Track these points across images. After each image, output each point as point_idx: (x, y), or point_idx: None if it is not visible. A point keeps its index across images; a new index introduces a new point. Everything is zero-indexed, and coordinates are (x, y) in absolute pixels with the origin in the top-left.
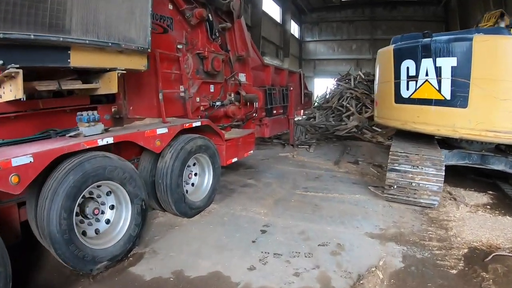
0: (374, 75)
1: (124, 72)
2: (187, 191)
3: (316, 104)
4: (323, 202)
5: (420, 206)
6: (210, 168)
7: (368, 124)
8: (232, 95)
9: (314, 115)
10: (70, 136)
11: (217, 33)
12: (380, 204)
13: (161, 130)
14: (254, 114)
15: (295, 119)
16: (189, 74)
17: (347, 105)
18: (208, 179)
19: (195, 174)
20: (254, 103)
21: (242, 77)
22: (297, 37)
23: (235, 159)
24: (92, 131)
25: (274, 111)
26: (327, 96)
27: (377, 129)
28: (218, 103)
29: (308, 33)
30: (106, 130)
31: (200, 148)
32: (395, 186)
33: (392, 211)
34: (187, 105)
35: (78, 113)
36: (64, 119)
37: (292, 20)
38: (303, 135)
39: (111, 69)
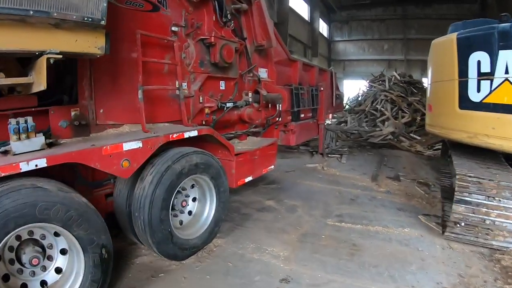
0: (410, 76)
1: (60, 57)
2: (181, 222)
3: (347, 107)
4: (364, 239)
5: (487, 247)
6: (213, 193)
7: (405, 131)
8: (250, 94)
9: (346, 119)
10: None
11: (229, 16)
12: (438, 245)
13: (131, 145)
14: (277, 119)
15: (325, 123)
16: (190, 66)
17: (382, 108)
18: (209, 208)
19: (194, 199)
20: (277, 105)
21: (262, 73)
22: (326, 36)
23: (249, 178)
24: (24, 147)
25: (302, 115)
26: (360, 99)
27: (415, 136)
28: (229, 105)
29: (338, 32)
30: (51, 145)
31: (197, 167)
32: (463, 224)
33: (455, 256)
34: (182, 106)
35: (9, 120)
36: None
37: (320, 19)
38: (333, 141)
39: (40, 54)
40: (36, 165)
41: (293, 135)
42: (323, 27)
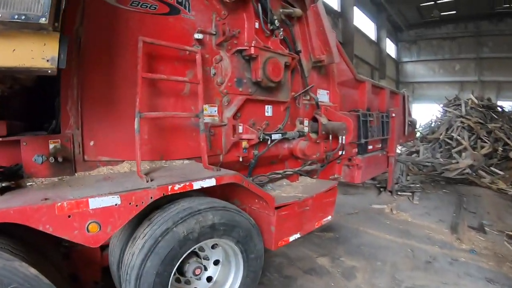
0: (489, 99)
1: None
2: None
3: (419, 134)
4: None
5: None
6: (239, 260)
7: (485, 164)
8: (306, 122)
9: (417, 148)
10: None
11: (277, 23)
12: None
13: (101, 202)
14: (340, 153)
15: (396, 156)
16: (223, 86)
17: (458, 137)
18: (234, 278)
19: (216, 263)
20: (340, 137)
21: (323, 96)
22: (394, 57)
23: (295, 237)
24: None
25: (370, 146)
26: (433, 125)
27: (497, 170)
28: (276, 137)
29: (406, 52)
30: (4, 190)
31: (214, 230)
32: None
33: None
34: (202, 139)
35: None
36: None
37: (387, 38)
38: (403, 175)
39: None
40: None
41: (359, 171)
42: (390, 47)
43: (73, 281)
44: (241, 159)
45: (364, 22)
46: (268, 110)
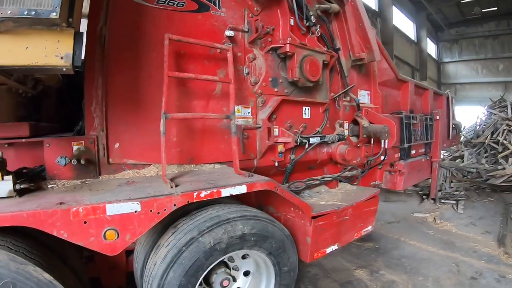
0: None
1: None
2: None
3: (462, 138)
4: None
5: None
6: (271, 273)
7: None
8: (346, 125)
9: (461, 153)
10: None
11: (313, 19)
12: None
13: (120, 208)
14: (382, 158)
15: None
16: (257, 86)
17: (504, 141)
18: None
19: (246, 274)
20: (383, 141)
21: (363, 97)
22: (434, 57)
23: (332, 248)
24: None
25: (413, 151)
26: (477, 128)
27: None
28: (314, 140)
29: (447, 52)
30: (23, 192)
31: (244, 240)
32: None
33: None
34: (234, 143)
35: None
36: None
37: (428, 38)
38: (446, 182)
39: None
40: None
41: (401, 178)
42: (430, 48)
43: (94, 286)
44: (276, 164)
45: (403, 22)
46: (306, 112)
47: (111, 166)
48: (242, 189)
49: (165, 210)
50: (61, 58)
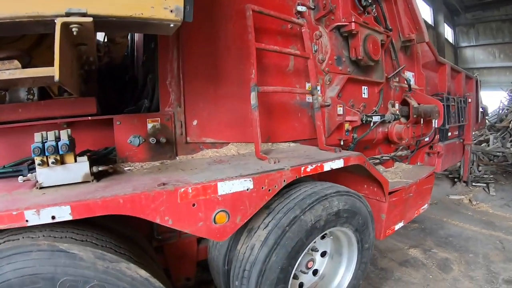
0: None
1: (89, 21)
2: (301, 286)
3: (487, 123)
4: None
5: None
6: (354, 250)
7: None
8: (397, 105)
9: (486, 137)
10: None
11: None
12: None
13: (232, 186)
14: (435, 137)
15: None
16: (324, 63)
17: None
18: (345, 270)
19: (323, 254)
20: (434, 121)
21: (410, 78)
22: (451, 42)
23: (399, 225)
24: (55, 178)
25: (449, 133)
26: (501, 112)
27: None
28: (376, 119)
29: (464, 37)
30: (100, 175)
31: (338, 217)
32: None
33: None
34: (317, 119)
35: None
36: None
37: (444, 23)
38: (473, 165)
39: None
40: (53, 217)
41: (439, 159)
42: (447, 32)
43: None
44: (342, 143)
45: (420, 6)
46: (365, 92)
47: (188, 146)
48: (340, 163)
49: (275, 186)
50: (171, 11)
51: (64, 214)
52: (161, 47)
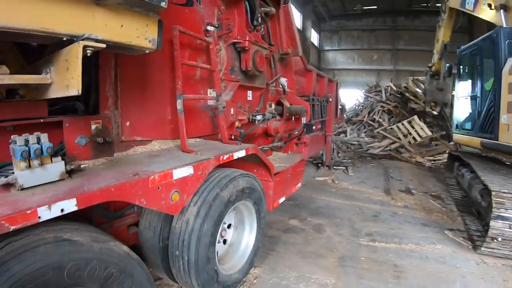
0: (406, 88)
1: (103, 46)
2: (216, 254)
3: (345, 117)
4: (402, 259)
5: None
6: (253, 219)
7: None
8: (273, 106)
9: (344, 129)
10: None
11: (259, 19)
12: (472, 260)
13: (181, 172)
14: (303, 131)
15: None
16: (221, 73)
17: (379, 119)
18: (249, 236)
19: (229, 226)
20: (302, 118)
21: (284, 84)
22: (316, 45)
23: (282, 199)
24: (36, 179)
25: (313, 127)
26: (356, 108)
27: (410, 148)
28: (259, 117)
29: (328, 41)
30: (71, 173)
31: (243, 193)
32: (499, 239)
33: (491, 271)
34: (221, 119)
35: (12, 137)
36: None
37: (312, 28)
38: (334, 152)
39: (70, 41)
40: (62, 210)
41: (306, 148)
42: (313, 36)
43: None
44: (233, 137)
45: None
46: (250, 95)
47: (122, 144)
48: (243, 153)
49: (206, 171)
50: (149, 41)
51: (71, 206)
52: (101, 57)
